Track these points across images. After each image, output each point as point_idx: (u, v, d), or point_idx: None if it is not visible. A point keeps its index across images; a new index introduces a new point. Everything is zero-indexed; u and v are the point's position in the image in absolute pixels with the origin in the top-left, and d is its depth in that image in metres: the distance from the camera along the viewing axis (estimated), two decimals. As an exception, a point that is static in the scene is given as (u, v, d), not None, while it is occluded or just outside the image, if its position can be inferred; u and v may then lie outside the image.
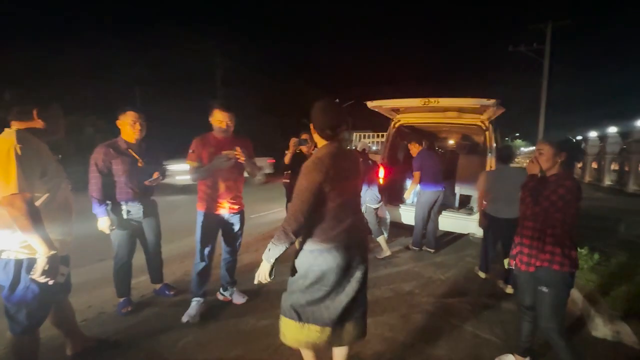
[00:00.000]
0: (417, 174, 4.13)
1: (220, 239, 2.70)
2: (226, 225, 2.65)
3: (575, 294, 2.96)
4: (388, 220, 4.42)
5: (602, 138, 14.07)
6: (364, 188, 3.99)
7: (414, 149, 4.35)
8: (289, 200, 3.83)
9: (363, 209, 4.09)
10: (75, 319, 2.10)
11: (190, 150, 2.48)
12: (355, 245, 1.59)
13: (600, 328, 2.44)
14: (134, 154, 2.54)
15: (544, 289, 1.81)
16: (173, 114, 14.56)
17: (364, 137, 10.75)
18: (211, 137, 2.52)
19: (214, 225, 2.57)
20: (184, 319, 2.44)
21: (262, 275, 1.57)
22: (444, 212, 4.48)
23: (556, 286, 1.79)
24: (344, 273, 1.56)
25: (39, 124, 1.62)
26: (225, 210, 2.56)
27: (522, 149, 50.95)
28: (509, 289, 3.19)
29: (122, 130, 2.54)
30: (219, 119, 2.47)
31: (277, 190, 6.77)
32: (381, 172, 4.55)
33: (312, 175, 1.47)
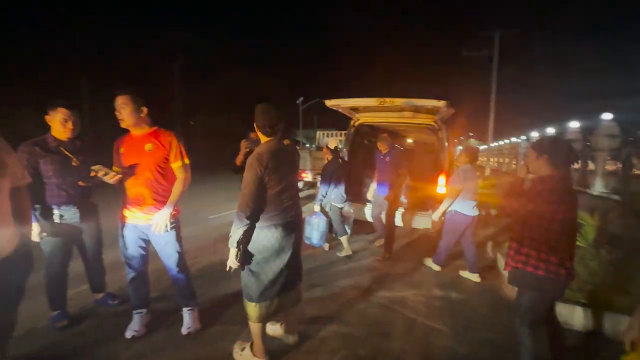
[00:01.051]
0: (405, 171, 4.04)
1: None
2: (150, 238, 2.28)
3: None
4: (352, 219, 4.44)
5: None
6: (331, 187, 3.97)
7: (385, 145, 4.12)
8: None
9: (327, 208, 4.06)
10: (11, 334, 1.86)
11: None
12: (290, 224, 1.95)
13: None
14: (66, 152, 2.30)
15: (520, 290, 1.83)
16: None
17: (329, 135, 10.82)
18: (127, 136, 2.23)
19: (133, 235, 2.24)
20: (128, 334, 2.24)
21: (230, 260, 1.85)
22: (401, 209, 4.62)
23: (530, 287, 1.79)
24: (282, 246, 1.92)
25: None
26: (140, 220, 2.20)
27: (476, 148, 54.21)
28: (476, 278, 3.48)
29: (52, 126, 2.29)
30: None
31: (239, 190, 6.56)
32: None
33: (253, 168, 1.78)
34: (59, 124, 2.27)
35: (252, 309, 1.95)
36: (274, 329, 2.31)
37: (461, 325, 2.60)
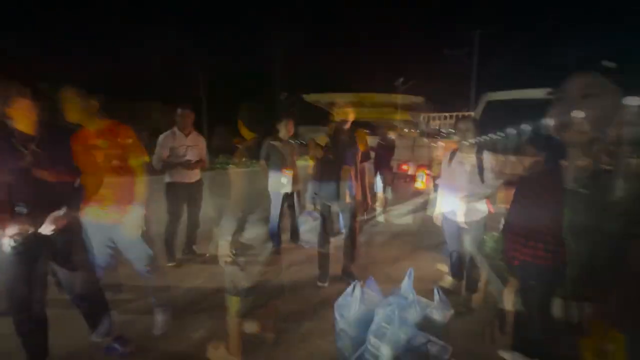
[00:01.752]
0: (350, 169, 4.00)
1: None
2: (115, 237, 2.17)
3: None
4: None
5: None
6: (322, 184, 3.86)
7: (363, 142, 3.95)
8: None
9: (319, 206, 3.97)
10: None
11: None
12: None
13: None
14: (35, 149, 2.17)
15: (531, 282, 1.91)
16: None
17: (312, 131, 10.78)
18: (81, 132, 2.10)
19: (98, 233, 2.14)
20: (95, 337, 2.15)
21: (222, 253, 1.89)
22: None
23: (540, 279, 1.87)
24: (268, 239, 2.01)
25: None
26: (104, 220, 2.09)
27: (457, 143, 55.49)
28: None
29: (17, 120, 2.14)
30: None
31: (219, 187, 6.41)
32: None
33: (245, 162, 1.88)
34: (24, 116, 2.12)
35: (236, 303, 1.96)
36: (251, 326, 2.29)
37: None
